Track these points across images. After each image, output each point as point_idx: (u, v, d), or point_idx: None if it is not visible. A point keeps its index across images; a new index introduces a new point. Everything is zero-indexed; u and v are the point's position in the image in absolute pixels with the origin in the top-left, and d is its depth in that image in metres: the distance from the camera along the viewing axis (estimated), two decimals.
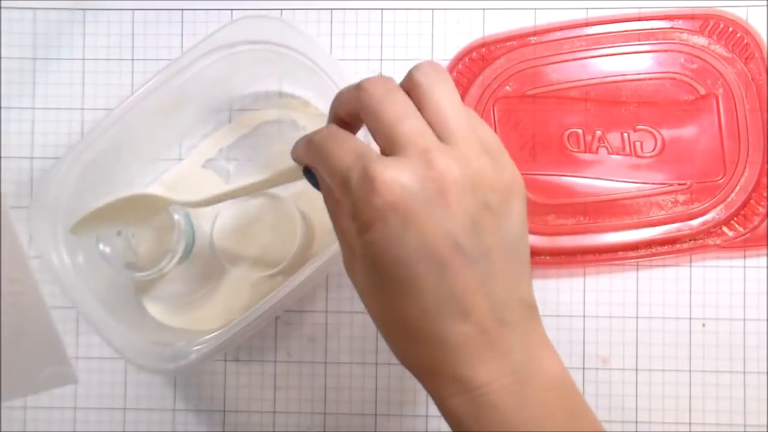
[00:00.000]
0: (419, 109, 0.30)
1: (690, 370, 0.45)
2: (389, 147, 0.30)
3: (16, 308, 0.32)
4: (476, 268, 0.29)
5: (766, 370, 0.45)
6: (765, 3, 0.46)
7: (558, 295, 0.46)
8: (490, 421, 0.29)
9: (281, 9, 0.47)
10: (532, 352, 0.30)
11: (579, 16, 0.46)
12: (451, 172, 0.29)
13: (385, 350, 0.46)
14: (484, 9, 0.47)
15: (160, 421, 0.47)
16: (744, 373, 0.45)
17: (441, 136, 0.30)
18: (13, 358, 0.33)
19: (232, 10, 0.48)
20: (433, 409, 0.46)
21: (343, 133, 0.31)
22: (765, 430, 0.45)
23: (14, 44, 0.48)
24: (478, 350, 0.29)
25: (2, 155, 0.48)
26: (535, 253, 0.45)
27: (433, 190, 0.29)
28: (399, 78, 0.31)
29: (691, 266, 0.45)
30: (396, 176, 0.28)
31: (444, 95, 0.30)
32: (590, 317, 0.46)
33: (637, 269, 0.46)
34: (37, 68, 0.48)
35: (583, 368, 0.45)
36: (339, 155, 0.30)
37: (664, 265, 0.45)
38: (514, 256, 0.30)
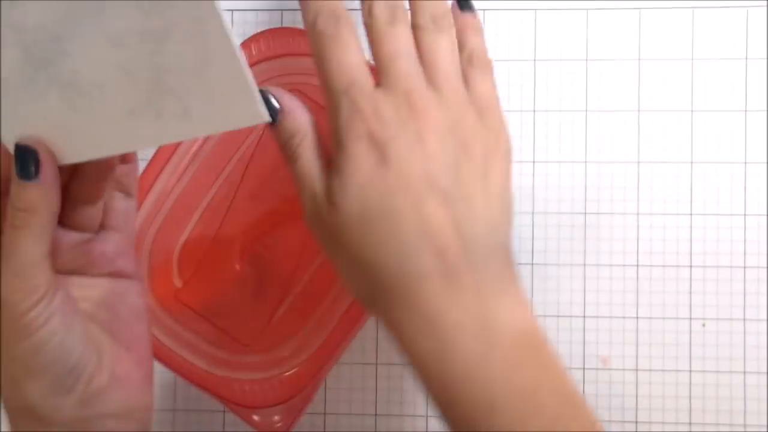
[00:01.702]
0: (418, 50, 0.32)
1: (690, 370, 0.45)
2: (381, 77, 0.32)
3: (199, 38, 0.29)
4: (453, 209, 0.30)
5: (766, 370, 0.45)
6: (765, 3, 0.46)
7: (558, 295, 0.46)
8: (454, 371, 0.29)
9: (282, 9, 0.47)
10: (504, 296, 0.30)
11: (580, 16, 0.46)
12: (431, 115, 0.30)
13: (385, 350, 0.46)
14: (484, 9, 0.47)
15: (160, 421, 0.47)
16: (744, 373, 0.45)
17: (431, 82, 0.32)
18: (199, 90, 0.30)
19: (232, 10, 0.48)
20: (434, 409, 0.46)
21: (348, 38, 0.32)
22: (765, 430, 0.45)
23: None
24: (451, 289, 0.29)
25: None
26: None
27: (413, 131, 0.30)
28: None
29: (691, 266, 0.46)
30: (380, 111, 0.30)
31: (444, 46, 0.33)
32: (590, 317, 0.46)
33: (637, 269, 0.46)
34: None
35: (583, 368, 0.45)
36: (338, 71, 0.31)
37: (664, 265, 0.46)
38: (495, 205, 0.31)
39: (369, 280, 0.31)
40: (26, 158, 0.29)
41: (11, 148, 0.30)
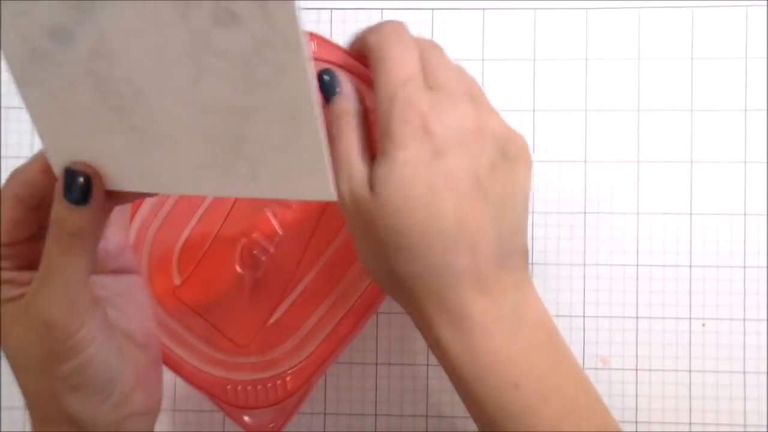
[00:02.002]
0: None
1: (690, 370, 0.45)
2: (433, 83, 0.33)
3: (288, 119, 0.28)
4: (489, 208, 0.32)
5: (766, 370, 0.45)
6: (765, 3, 0.46)
7: (558, 295, 0.46)
8: (481, 349, 0.31)
9: None
10: (524, 292, 0.33)
11: (579, 16, 0.46)
12: (479, 119, 0.32)
13: (385, 350, 0.46)
14: (484, 9, 0.47)
15: (160, 421, 0.47)
16: (744, 373, 0.45)
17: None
18: (275, 161, 0.29)
19: None
20: (433, 409, 0.46)
21: (407, 36, 0.34)
22: (765, 430, 0.45)
23: None
24: (480, 283, 0.31)
25: (2, 155, 0.48)
26: None
27: (464, 130, 0.32)
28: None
29: (691, 266, 0.45)
30: (436, 108, 0.32)
31: (473, 80, 0.35)
32: (590, 317, 0.46)
33: (637, 269, 0.46)
34: None
35: (583, 368, 0.45)
36: (399, 65, 0.33)
37: (664, 265, 0.46)
38: (519, 209, 0.33)
39: (396, 266, 0.32)
40: (77, 183, 0.29)
41: (57, 170, 0.30)
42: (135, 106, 0.29)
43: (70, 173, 0.29)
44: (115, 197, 0.30)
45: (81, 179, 0.29)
